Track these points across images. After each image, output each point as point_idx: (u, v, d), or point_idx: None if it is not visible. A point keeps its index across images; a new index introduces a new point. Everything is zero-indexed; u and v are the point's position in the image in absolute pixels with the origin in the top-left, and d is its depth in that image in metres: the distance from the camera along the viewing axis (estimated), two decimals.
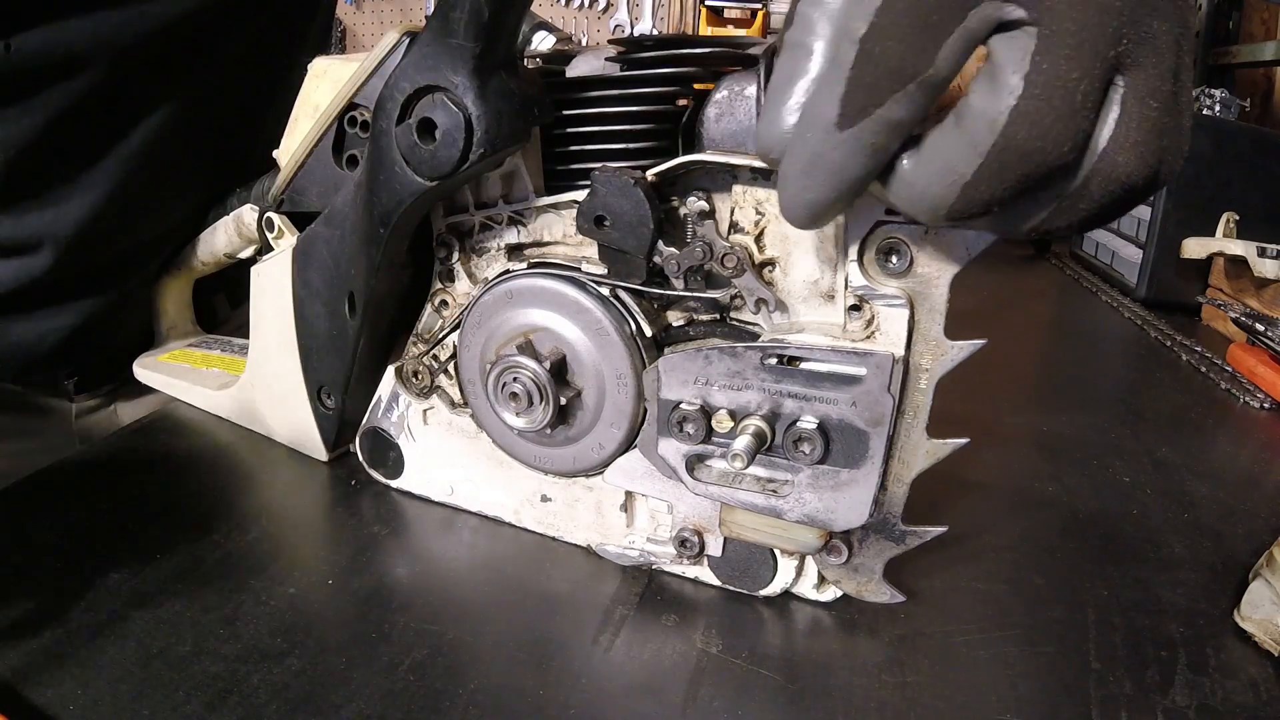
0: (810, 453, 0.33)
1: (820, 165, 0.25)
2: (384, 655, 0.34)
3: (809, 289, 0.34)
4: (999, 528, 0.46)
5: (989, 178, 0.24)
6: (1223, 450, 0.60)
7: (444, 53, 0.33)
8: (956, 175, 0.24)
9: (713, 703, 0.32)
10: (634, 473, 0.39)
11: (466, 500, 0.44)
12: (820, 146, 0.25)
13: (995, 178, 0.24)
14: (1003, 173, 0.24)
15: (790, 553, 0.37)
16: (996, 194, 0.24)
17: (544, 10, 2.25)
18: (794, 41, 0.26)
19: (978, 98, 0.24)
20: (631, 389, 0.37)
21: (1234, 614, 0.38)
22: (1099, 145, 0.24)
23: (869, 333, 0.33)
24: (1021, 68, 0.23)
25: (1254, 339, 0.76)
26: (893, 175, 0.26)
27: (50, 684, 0.31)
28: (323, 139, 0.41)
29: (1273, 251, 0.80)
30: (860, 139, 0.24)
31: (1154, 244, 0.95)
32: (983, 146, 0.23)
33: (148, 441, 0.50)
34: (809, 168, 0.25)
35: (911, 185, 0.25)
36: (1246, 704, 0.33)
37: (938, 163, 0.25)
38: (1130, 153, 0.24)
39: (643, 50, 0.36)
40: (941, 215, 0.25)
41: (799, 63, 0.26)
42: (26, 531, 0.40)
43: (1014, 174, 0.24)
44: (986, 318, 0.85)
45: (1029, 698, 0.33)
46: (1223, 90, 1.14)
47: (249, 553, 0.40)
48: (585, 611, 0.37)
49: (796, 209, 0.26)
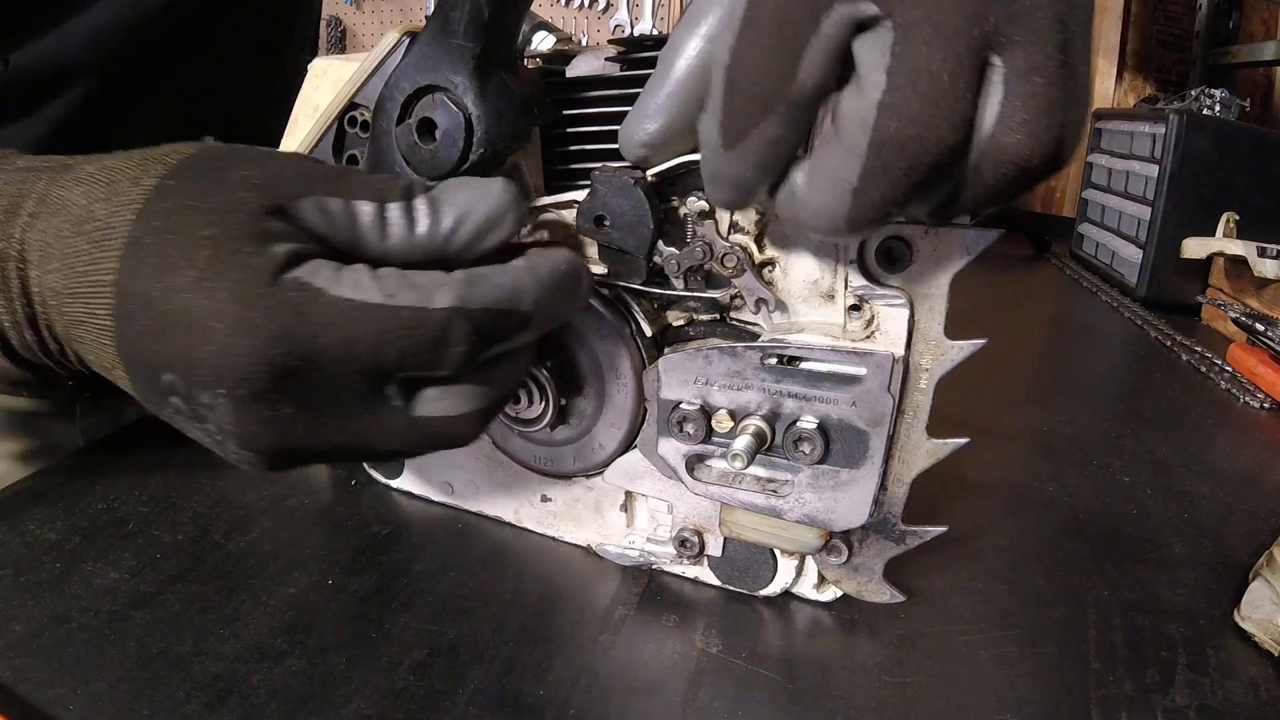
0: (810, 453, 0.33)
1: (720, 178, 0.27)
2: (384, 655, 0.34)
3: (809, 289, 0.34)
4: (999, 528, 0.46)
5: (874, 178, 0.24)
6: (1223, 450, 0.60)
7: (444, 53, 0.33)
8: (843, 183, 0.24)
9: (713, 703, 0.32)
10: (634, 473, 0.39)
11: (466, 500, 0.44)
12: (715, 164, 0.26)
13: (881, 177, 0.24)
14: (886, 171, 0.24)
15: (790, 553, 0.37)
16: (888, 195, 0.24)
17: (544, 10, 2.24)
18: (662, 59, 0.27)
19: (847, 101, 0.24)
20: (631, 389, 0.37)
21: (1234, 614, 0.38)
22: (985, 127, 0.24)
23: (869, 333, 0.33)
24: (882, 62, 0.23)
25: (1254, 339, 0.76)
26: (789, 193, 0.26)
27: (50, 684, 0.31)
28: (323, 139, 0.41)
29: (1273, 251, 0.80)
30: (745, 157, 0.26)
31: (1154, 244, 0.95)
32: (859, 148, 0.23)
33: (148, 441, 0.50)
34: (712, 180, 0.27)
35: (806, 202, 0.26)
36: (1246, 704, 0.33)
37: (824, 174, 0.25)
38: (1019, 131, 0.23)
39: (643, 50, 0.36)
40: (843, 226, 0.25)
41: (657, 81, 0.27)
42: (26, 531, 0.40)
43: (898, 170, 0.23)
44: (986, 318, 0.85)
45: (1029, 698, 0.33)
46: (1223, 90, 1.14)
47: (249, 553, 0.40)
48: (585, 611, 0.37)
49: (719, 203, 0.29)
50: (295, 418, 0.27)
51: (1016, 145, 0.23)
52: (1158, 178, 0.95)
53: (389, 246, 0.29)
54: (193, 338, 0.25)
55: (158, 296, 0.25)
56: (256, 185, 0.27)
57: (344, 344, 0.26)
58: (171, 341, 0.25)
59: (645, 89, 0.28)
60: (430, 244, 0.29)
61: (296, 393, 0.26)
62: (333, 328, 0.26)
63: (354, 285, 0.26)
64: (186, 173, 0.27)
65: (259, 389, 0.25)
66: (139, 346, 0.26)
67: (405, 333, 0.26)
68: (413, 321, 0.26)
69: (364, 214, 0.28)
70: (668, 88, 0.27)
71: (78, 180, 0.28)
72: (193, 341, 0.25)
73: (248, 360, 0.25)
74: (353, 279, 0.26)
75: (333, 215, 0.28)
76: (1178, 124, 0.92)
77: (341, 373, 0.26)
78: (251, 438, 0.27)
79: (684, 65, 0.27)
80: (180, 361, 0.25)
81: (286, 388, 0.26)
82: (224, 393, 0.25)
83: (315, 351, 0.26)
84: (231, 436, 0.27)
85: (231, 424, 0.26)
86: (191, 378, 0.25)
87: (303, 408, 0.27)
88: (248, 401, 0.26)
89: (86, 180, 0.28)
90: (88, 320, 0.27)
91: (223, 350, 0.25)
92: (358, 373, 0.27)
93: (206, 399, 0.26)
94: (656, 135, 0.28)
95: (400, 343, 0.26)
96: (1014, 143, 0.23)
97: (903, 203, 0.24)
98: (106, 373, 0.28)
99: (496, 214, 0.29)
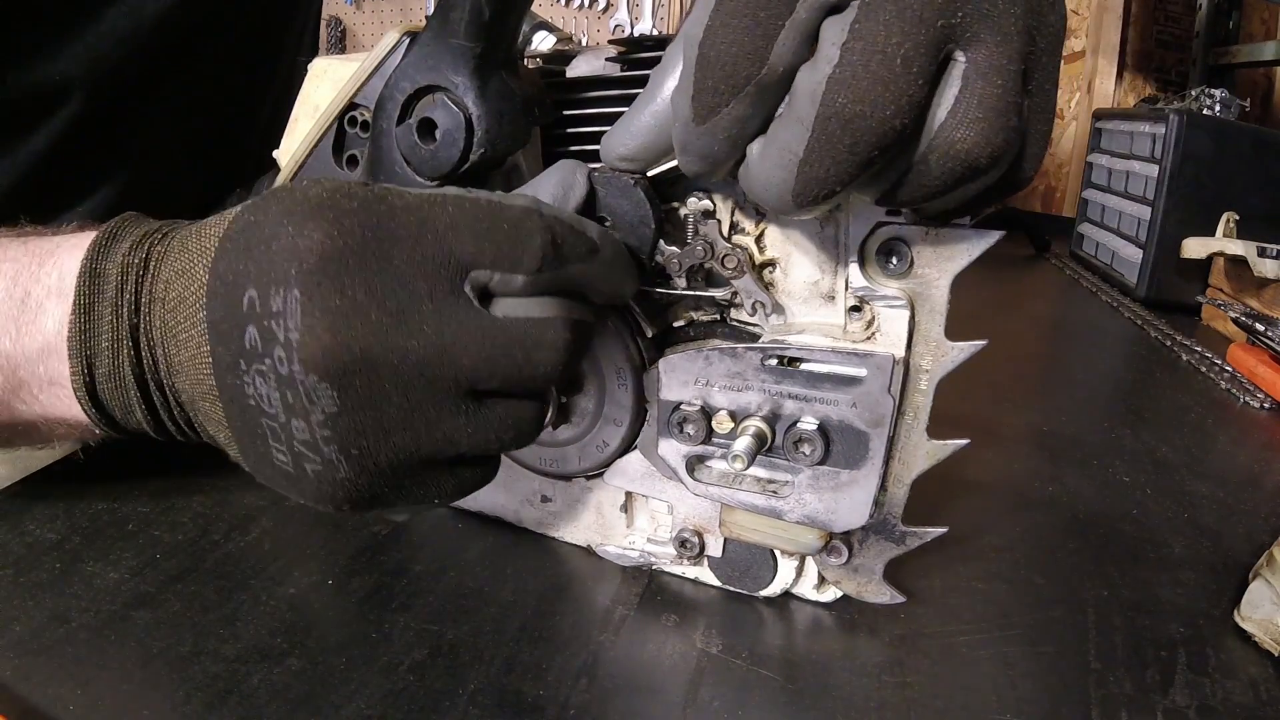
0: (810, 454, 0.33)
1: (690, 150, 0.27)
2: (384, 655, 0.34)
3: (809, 290, 0.34)
4: (999, 528, 0.46)
5: (819, 151, 0.24)
6: (1223, 450, 0.60)
7: (444, 53, 0.33)
8: (790, 154, 0.24)
9: (713, 703, 0.32)
10: (634, 473, 0.39)
11: (466, 500, 0.44)
12: (686, 136, 0.27)
13: (825, 151, 0.24)
14: (831, 144, 0.24)
15: (790, 553, 0.37)
16: (832, 170, 0.24)
17: (544, 10, 2.24)
18: (655, 73, 0.28)
19: (801, 74, 0.24)
20: (632, 390, 0.37)
21: (1234, 614, 0.38)
22: (937, 119, 0.24)
23: (869, 334, 0.33)
24: (840, 39, 0.23)
25: (1254, 339, 0.76)
26: (745, 165, 0.27)
27: (50, 684, 0.31)
28: (323, 139, 0.41)
29: (1273, 251, 0.80)
30: (714, 133, 0.26)
31: (1154, 244, 0.96)
32: (807, 120, 0.24)
33: (148, 441, 0.50)
34: (683, 150, 0.28)
35: (756, 175, 0.26)
36: (1246, 704, 0.33)
37: (774, 145, 0.25)
38: (970, 128, 0.23)
39: (643, 50, 0.36)
40: (790, 201, 0.25)
41: (645, 99, 0.29)
42: (26, 531, 0.40)
43: (842, 145, 0.24)
44: (986, 318, 0.85)
45: (1029, 698, 0.33)
46: (1223, 90, 1.14)
47: (249, 553, 0.40)
48: (585, 611, 0.37)
49: (689, 173, 0.29)
50: (367, 305, 0.25)
51: (965, 141, 0.24)
52: (1158, 178, 0.95)
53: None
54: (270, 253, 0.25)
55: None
56: (427, 270, 0.26)
57: (418, 224, 0.25)
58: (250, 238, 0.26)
59: (635, 103, 0.29)
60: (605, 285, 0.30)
61: (369, 279, 0.25)
62: (407, 211, 0.26)
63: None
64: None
65: (332, 272, 0.24)
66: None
67: (481, 216, 0.26)
68: (490, 210, 0.26)
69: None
70: (654, 107, 0.29)
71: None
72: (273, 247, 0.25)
73: (319, 245, 0.24)
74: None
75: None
76: (1178, 124, 0.92)
77: (417, 255, 0.25)
78: (323, 344, 0.24)
79: (670, 87, 0.28)
80: (260, 277, 0.25)
81: (361, 271, 0.24)
82: (297, 290, 0.24)
83: (390, 230, 0.25)
84: (303, 334, 0.24)
85: (298, 326, 0.24)
86: (263, 283, 0.24)
87: (375, 299, 0.25)
88: (319, 284, 0.24)
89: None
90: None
91: (290, 245, 0.24)
92: (432, 258, 0.25)
93: (277, 305, 0.24)
94: (635, 152, 0.30)
95: (476, 226, 0.26)
96: (963, 138, 0.24)
97: (846, 180, 0.24)
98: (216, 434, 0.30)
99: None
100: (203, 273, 0.27)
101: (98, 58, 0.47)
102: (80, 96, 0.47)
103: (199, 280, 0.27)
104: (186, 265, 0.28)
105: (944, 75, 0.24)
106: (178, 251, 0.29)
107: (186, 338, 0.28)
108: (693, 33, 0.25)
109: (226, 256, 0.26)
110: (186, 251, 0.29)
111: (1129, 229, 1.03)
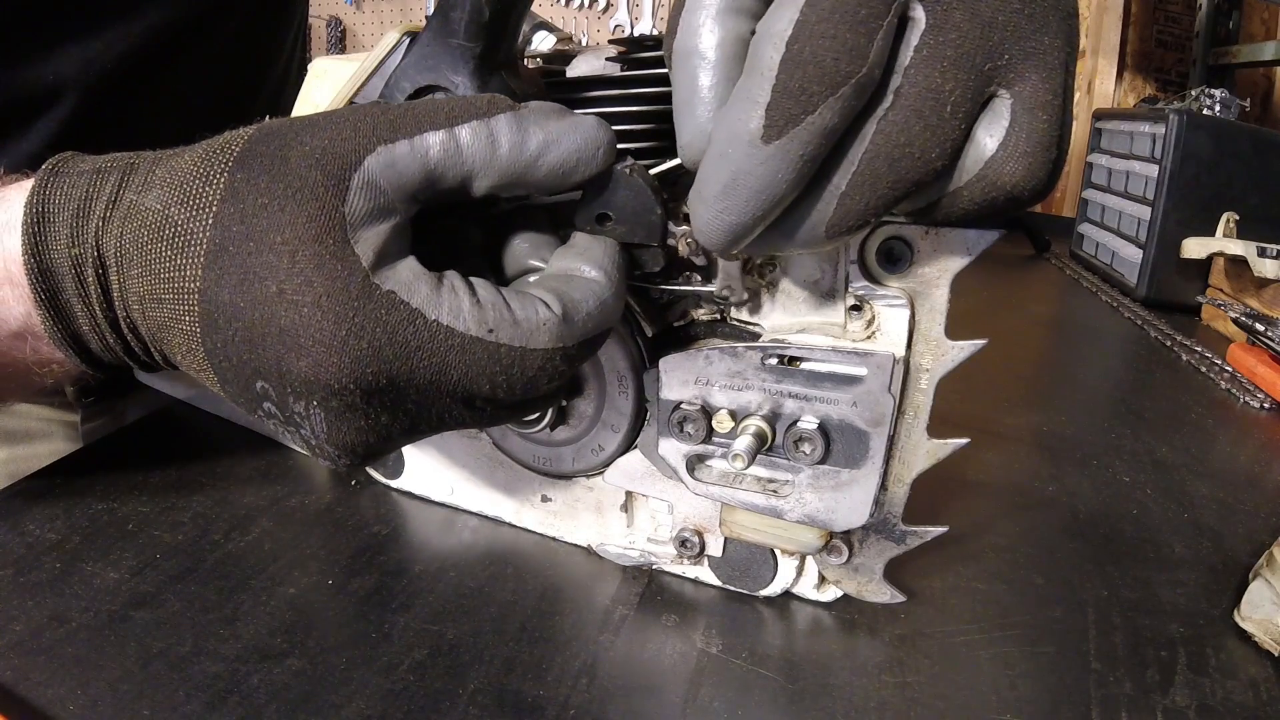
0: (811, 453, 0.33)
1: (742, 184, 0.23)
2: (384, 655, 0.34)
3: (810, 288, 0.34)
4: (999, 528, 0.46)
5: (861, 187, 0.24)
6: (1223, 450, 0.60)
7: (444, 53, 0.33)
8: (831, 186, 0.24)
9: (713, 703, 0.32)
10: (634, 473, 0.39)
11: (466, 500, 0.44)
12: (742, 164, 0.23)
13: (868, 188, 0.24)
14: (875, 181, 0.24)
15: (791, 553, 0.37)
16: (871, 204, 0.24)
17: (544, 10, 2.24)
18: (685, 49, 0.25)
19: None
20: (632, 389, 0.37)
21: (1234, 614, 0.38)
22: (986, 152, 0.24)
23: (870, 333, 0.33)
24: (894, 83, 0.23)
25: (1254, 339, 0.76)
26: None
27: (50, 684, 0.31)
28: None
29: (1273, 251, 0.80)
30: (788, 152, 0.23)
31: (1154, 244, 0.95)
32: (855, 156, 0.24)
33: (148, 441, 0.50)
34: (729, 188, 0.24)
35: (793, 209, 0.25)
36: (1246, 704, 0.33)
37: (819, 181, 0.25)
38: (1019, 162, 0.24)
39: (643, 50, 0.36)
40: (821, 233, 0.25)
41: (700, 71, 0.25)
42: (26, 531, 0.40)
43: (885, 182, 0.24)
44: (986, 318, 0.85)
45: (1029, 698, 0.33)
46: (1223, 90, 1.14)
47: (249, 553, 0.40)
48: (585, 611, 0.37)
49: (714, 233, 0.25)
50: (391, 424, 0.27)
51: (1014, 175, 0.24)
52: (1158, 178, 0.95)
53: (468, 171, 0.27)
54: (284, 351, 0.25)
55: (244, 308, 0.25)
56: (318, 160, 0.26)
57: (438, 370, 0.26)
58: (262, 352, 0.26)
59: (682, 86, 0.25)
60: (512, 168, 0.27)
61: (389, 402, 0.27)
62: (427, 354, 0.26)
63: (453, 312, 0.26)
64: (251, 162, 0.27)
65: (351, 402, 0.26)
66: (229, 354, 0.26)
67: (500, 370, 0.27)
68: (510, 361, 0.27)
69: (431, 147, 0.26)
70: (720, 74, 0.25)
71: (148, 184, 0.28)
72: (284, 354, 0.25)
73: (339, 376, 0.25)
74: (452, 305, 0.26)
75: (400, 164, 0.26)
76: (1178, 124, 0.92)
77: (434, 393, 0.27)
78: (347, 444, 0.27)
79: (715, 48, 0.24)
80: (271, 372, 0.26)
81: (380, 399, 0.26)
82: (317, 404, 0.26)
83: (408, 372, 0.26)
84: (326, 441, 0.27)
85: (325, 431, 0.27)
86: (284, 387, 0.26)
87: (396, 414, 0.27)
88: (341, 412, 0.26)
89: (158, 184, 0.28)
90: (174, 325, 0.27)
91: (314, 366, 0.25)
92: (449, 395, 0.27)
93: (300, 408, 0.26)
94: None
95: (495, 378, 0.27)
96: (1011, 172, 0.24)
97: (881, 212, 0.25)
98: (196, 373, 0.29)
99: (588, 149, 0.27)
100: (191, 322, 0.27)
101: (90, 59, 0.47)
102: (72, 97, 0.47)
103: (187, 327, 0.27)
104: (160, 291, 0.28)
105: (986, 108, 0.24)
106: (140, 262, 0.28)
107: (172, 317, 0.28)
108: (773, 27, 0.23)
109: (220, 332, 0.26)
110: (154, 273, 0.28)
111: (1129, 229, 1.03)
